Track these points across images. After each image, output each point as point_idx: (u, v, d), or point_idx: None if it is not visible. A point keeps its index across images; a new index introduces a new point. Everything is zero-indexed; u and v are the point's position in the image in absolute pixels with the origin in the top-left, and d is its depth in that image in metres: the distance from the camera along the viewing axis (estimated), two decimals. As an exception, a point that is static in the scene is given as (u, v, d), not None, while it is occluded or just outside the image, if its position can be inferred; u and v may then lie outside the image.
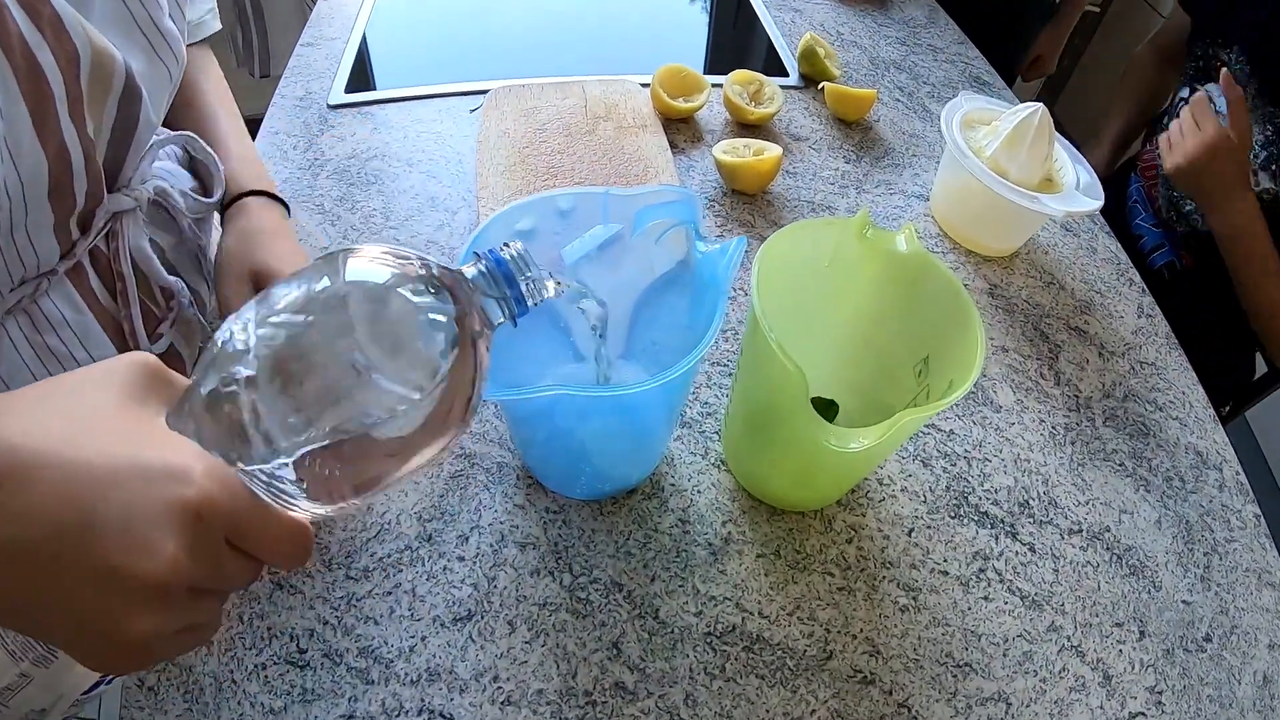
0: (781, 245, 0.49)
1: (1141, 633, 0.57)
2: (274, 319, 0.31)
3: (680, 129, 0.89)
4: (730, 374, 0.67)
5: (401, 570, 0.55)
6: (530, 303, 0.36)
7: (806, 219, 0.51)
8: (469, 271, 0.35)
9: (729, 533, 0.57)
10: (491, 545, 0.56)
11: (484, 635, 0.52)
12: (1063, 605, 0.58)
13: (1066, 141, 0.77)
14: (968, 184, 0.76)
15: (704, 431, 0.62)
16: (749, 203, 0.82)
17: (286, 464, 0.30)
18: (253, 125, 0.87)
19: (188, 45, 0.68)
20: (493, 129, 0.81)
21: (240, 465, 0.29)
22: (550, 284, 0.37)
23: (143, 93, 0.50)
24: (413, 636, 0.52)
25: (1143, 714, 0.54)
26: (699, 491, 0.59)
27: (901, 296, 0.52)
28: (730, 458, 0.60)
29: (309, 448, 0.30)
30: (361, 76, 0.93)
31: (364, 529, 0.57)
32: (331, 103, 0.88)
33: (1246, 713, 0.55)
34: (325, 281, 0.32)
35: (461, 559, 0.55)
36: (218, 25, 0.72)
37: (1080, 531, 0.62)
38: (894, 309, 0.53)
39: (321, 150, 0.83)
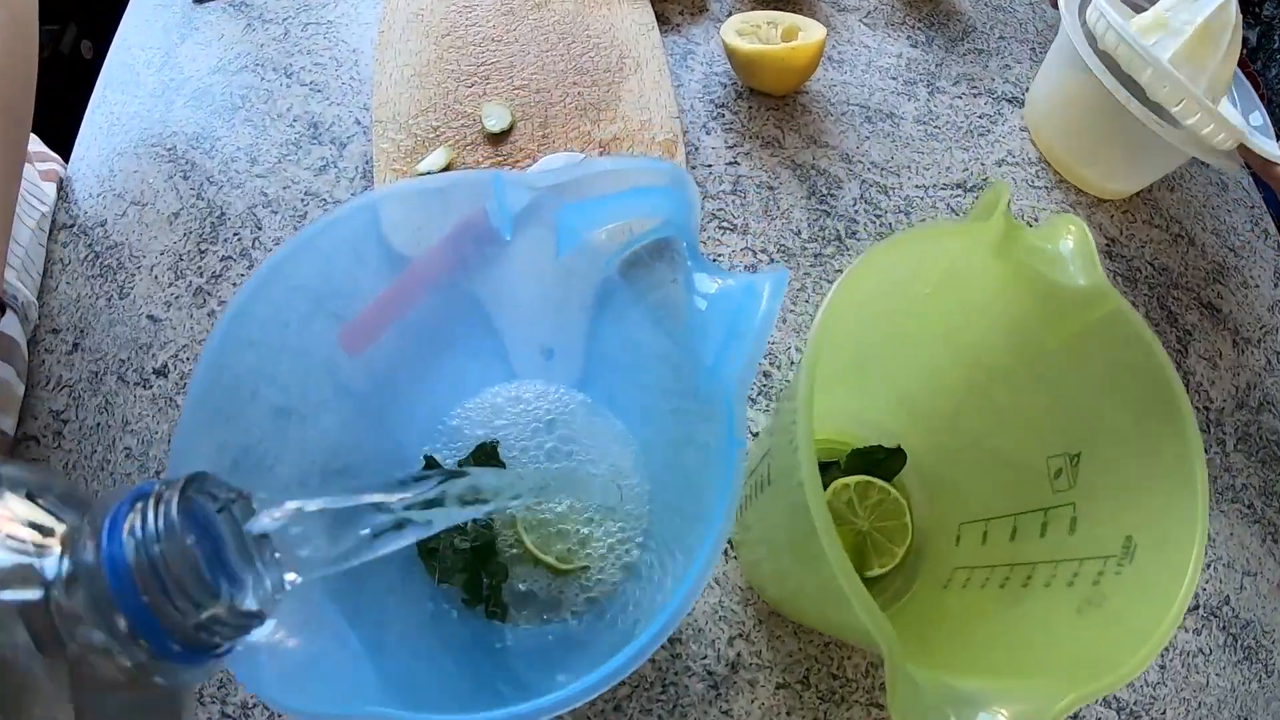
0: (856, 291, 0.26)
1: None
2: None
3: (676, -6, 0.61)
4: (748, 399, 0.46)
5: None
6: (215, 649, 0.15)
7: (904, 232, 0.27)
8: (48, 566, 0.14)
9: (738, 654, 0.39)
10: (403, 677, 0.38)
11: (397, 804, 0.36)
12: (1164, 714, 0.43)
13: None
14: (1092, 98, 0.50)
15: (705, 496, 0.43)
16: (775, 108, 0.56)
17: None
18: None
19: None
20: (400, 10, 0.53)
21: None
22: (274, 587, 0.16)
23: None
24: (303, 800, 0.36)
25: None
26: (696, 592, 0.41)
27: (1050, 346, 0.31)
28: (741, 550, 0.41)
29: None
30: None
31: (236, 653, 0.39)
32: None
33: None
34: None
35: (362, 695, 0.38)
36: None
37: (1197, 608, 0.46)
38: (1031, 361, 0.32)
39: (180, 66, 0.56)
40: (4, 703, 0.14)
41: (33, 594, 0.14)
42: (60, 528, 0.15)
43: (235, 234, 0.48)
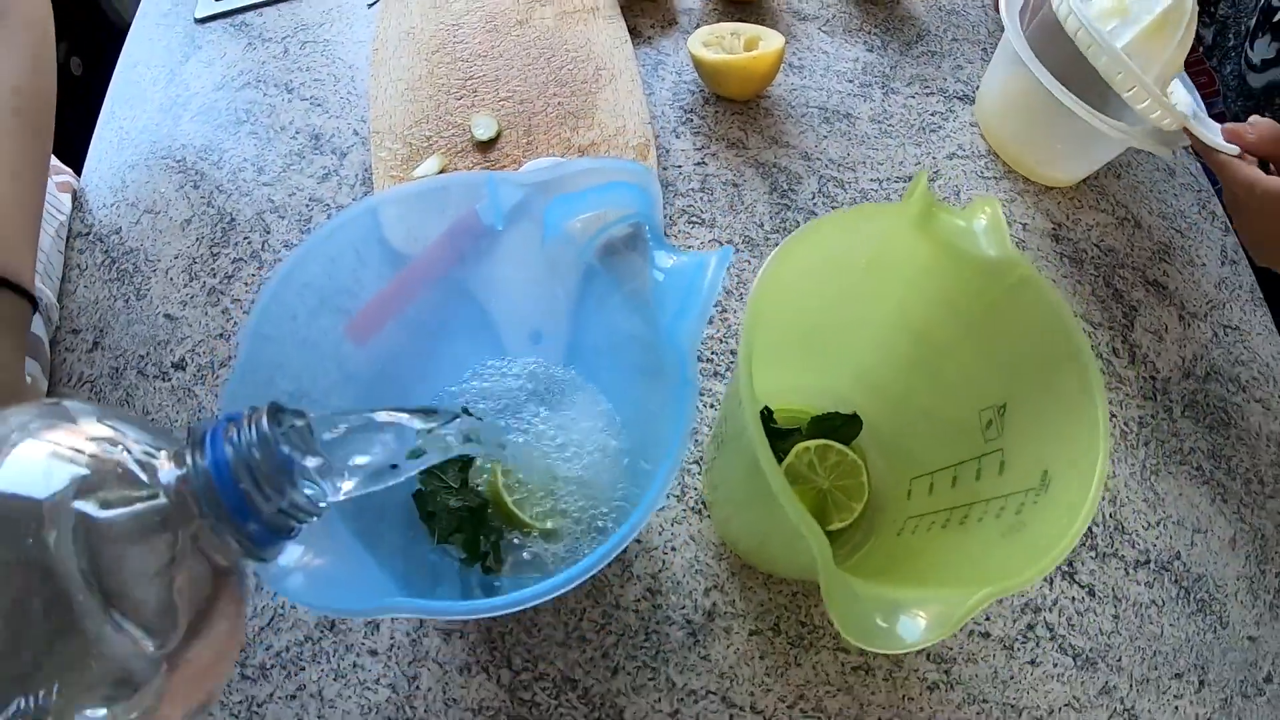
0: (793, 261, 0.30)
1: (1201, 682, 0.46)
2: None
3: (645, 9, 0.65)
4: (715, 373, 0.50)
5: (304, 668, 0.42)
6: (292, 526, 0.20)
7: (830, 214, 0.32)
8: (164, 474, 0.18)
9: (713, 603, 0.43)
10: (408, 634, 0.42)
11: (407, 751, 0.40)
12: (1119, 660, 0.46)
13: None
14: (1035, 95, 0.54)
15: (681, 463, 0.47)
16: (739, 113, 0.60)
17: None
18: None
19: None
20: (392, 30, 0.58)
21: None
22: (328, 491, 0.20)
23: None
24: (324, 753, 0.40)
25: (1195, 779, 0.43)
26: (673, 549, 0.44)
27: (975, 313, 0.35)
28: (713, 508, 0.45)
29: None
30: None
31: (255, 614, 0.43)
32: (199, 15, 0.64)
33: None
34: None
35: (374, 652, 0.42)
36: None
37: (1148, 563, 0.48)
38: (958, 311, 0.36)
39: (185, 82, 0.60)
40: (131, 587, 0.18)
41: (158, 500, 0.18)
42: (161, 449, 0.19)
43: (245, 238, 0.52)
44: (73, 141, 0.59)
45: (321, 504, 0.20)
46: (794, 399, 0.46)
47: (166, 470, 0.18)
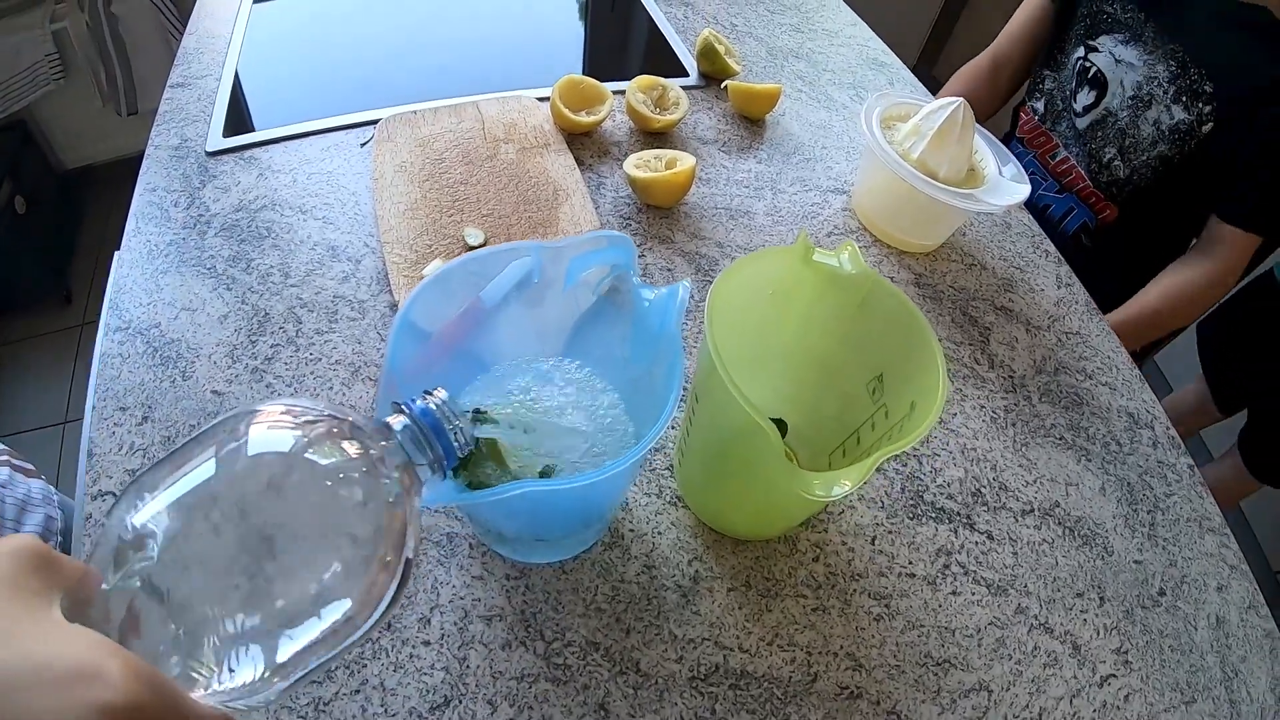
0: (731, 283, 0.51)
1: (1101, 599, 0.63)
2: (178, 506, 0.30)
3: (584, 143, 0.89)
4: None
5: (365, 665, 0.53)
6: (459, 453, 0.36)
7: (749, 254, 0.52)
8: (395, 424, 0.35)
9: (696, 571, 0.59)
10: (456, 623, 0.55)
11: (464, 721, 0.52)
12: (1026, 586, 0.63)
13: (980, 127, 0.82)
14: (896, 188, 0.79)
15: (655, 469, 0.64)
16: (665, 217, 0.83)
17: (206, 670, 0.29)
18: (124, 168, 0.82)
19: None
20: (387, 163, 0.79)
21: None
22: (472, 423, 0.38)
23: None
24: (389, 735, 0.51)
25: (1113, 675, 0.59)
26: (659, 533, 0.60)
27: (848, 316, 0.55)
28: (687, 494, 0.62)
29: (232, 649, 0.29)
30: (239, 117, 0.88)
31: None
32: (210, 149, 0.83)
33: (1205, 655, 0.62)
34: (231, 460, 0.31)
35: (427, 643, 0.54)
36: None
37: (1032, 511, 0.67)
38: (841, 328, 0.56)
39: (205, 205, 0.78)
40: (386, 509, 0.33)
41: (395, 445, 0.34)
42: (391, 417, 0.35)
43: (280, 328, 0.69)
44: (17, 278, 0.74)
45: (473, 440, 0.37)
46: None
47: (395, 420, 0.35)
